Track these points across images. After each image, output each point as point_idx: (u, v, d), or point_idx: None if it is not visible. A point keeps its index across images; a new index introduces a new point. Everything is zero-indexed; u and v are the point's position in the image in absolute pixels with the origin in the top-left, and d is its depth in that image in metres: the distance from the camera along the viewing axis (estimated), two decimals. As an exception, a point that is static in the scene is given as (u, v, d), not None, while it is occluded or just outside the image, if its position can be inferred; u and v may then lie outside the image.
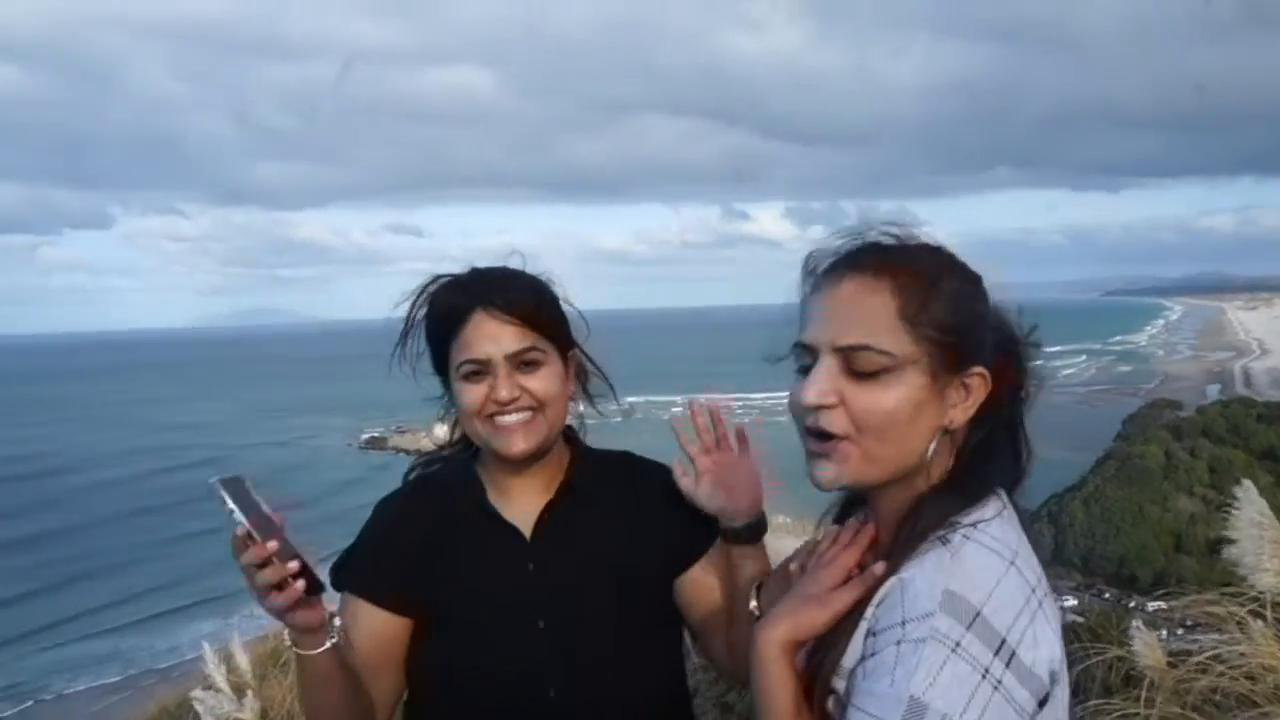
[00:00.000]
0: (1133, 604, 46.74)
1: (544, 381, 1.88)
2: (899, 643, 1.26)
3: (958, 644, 1.23)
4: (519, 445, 1.86)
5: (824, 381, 1.37)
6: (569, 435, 2.05)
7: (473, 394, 1.86)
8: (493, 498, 1.97)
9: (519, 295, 1.88)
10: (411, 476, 2.15)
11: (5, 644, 36.53)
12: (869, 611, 1.35)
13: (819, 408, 1.37)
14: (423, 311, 1.97)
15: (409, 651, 1.97)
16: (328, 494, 59.93)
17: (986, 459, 1.43)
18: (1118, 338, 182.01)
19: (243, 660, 4.17)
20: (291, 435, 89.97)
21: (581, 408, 2.10)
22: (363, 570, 1.98)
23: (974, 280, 1.43)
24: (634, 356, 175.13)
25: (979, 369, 1.39)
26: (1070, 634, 4.70)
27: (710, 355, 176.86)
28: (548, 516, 1.96)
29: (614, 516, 2.00)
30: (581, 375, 2.06)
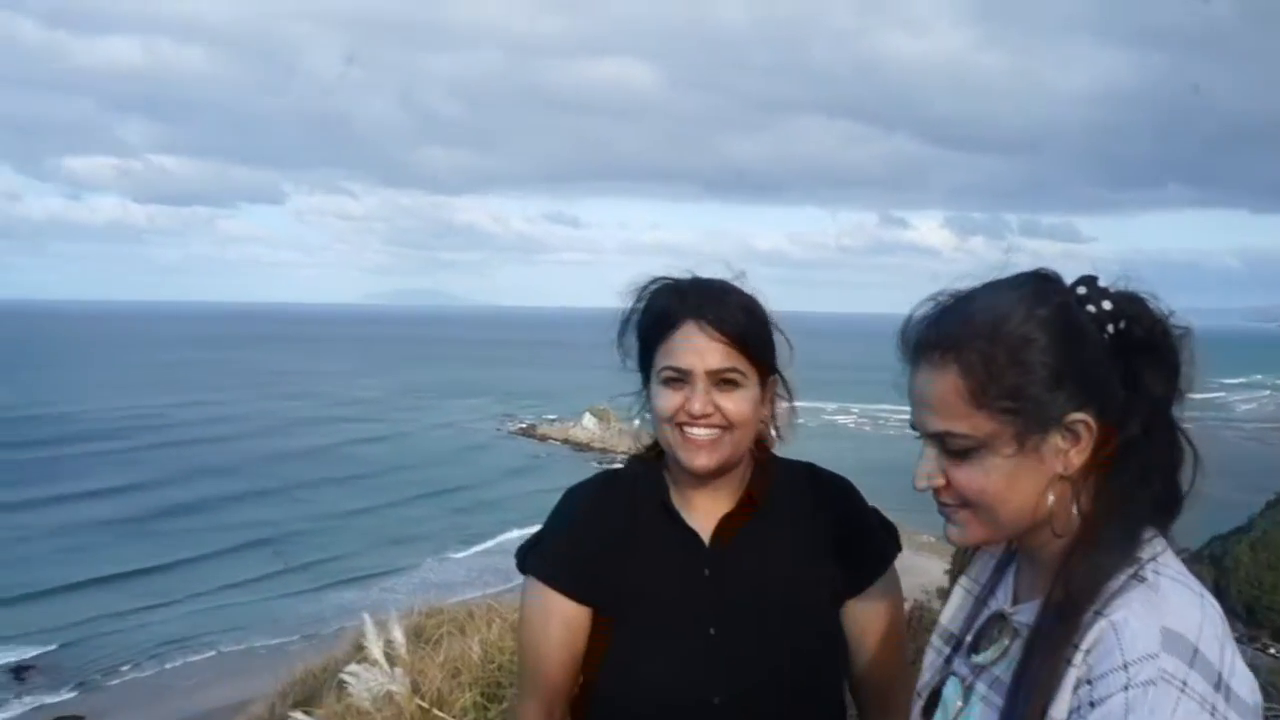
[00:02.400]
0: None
1: (738, 404, 1.89)
2: (1126, 688, 1.22)
3: (1185, 683, 1.21)
4: (701, 461, 1.88)
5: (928, 465, 1.41)
6: (756, 443, 2.05)
7: (668, 400, 1.89)
8: (676, 502, 2.00)
9: (731, 314, 1.90)
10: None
11: (173, 602, 38.48)
12: (1076, 658, 1.30)
13: (928, 490, 1.42)
14: (641, 306, 2.00)
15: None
16: (490, 480, 61.49)
17: (1126, 500, 1.39)
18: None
19: (398, 634, 4.27)
20: (445, 417, 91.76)
21: (774, 431, 2.10)
22: (548, 557, 2.03)
23: (1064, 317, 1.36)
24: (785, 361, 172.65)
25: (1079, 415, 1.35)
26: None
27: (868, 364, 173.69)
28: (727, 525, 1.97)
29: (792, 530, 2.01)
30: (775, 399, 2.07)
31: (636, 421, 2.09)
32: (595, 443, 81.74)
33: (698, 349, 1.87)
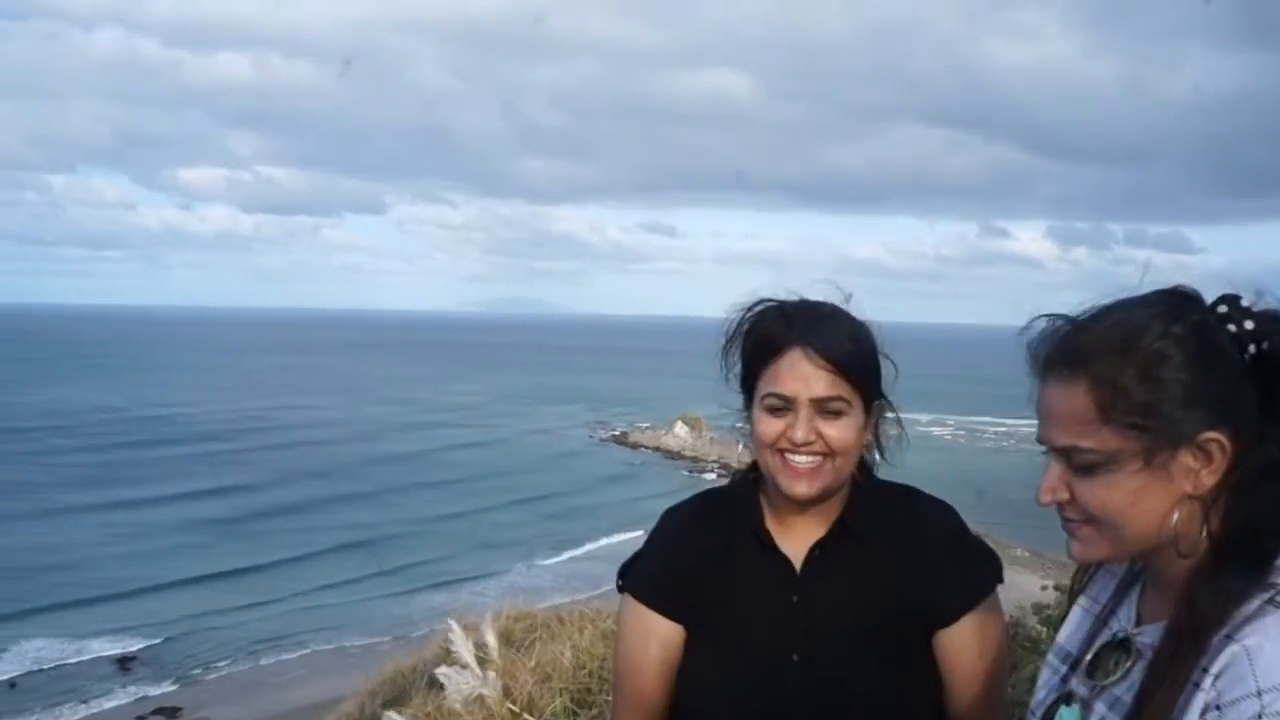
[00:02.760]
0: None
1: (841, 431, 1.88)
2: (1260, 715, 1.18)
3: None
4: (802, 488, 1.88)
5: (1053, 479, 1.39)
6: (858, 470, 2.04)
7: (770, 427, 1.88)
8: (772, 526, 1.99)
9: (838, 341, 1.89)
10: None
11: (270, 601, 39.51)
12: (1205, 682, 1.26)
13: (1053, 503, 1.40)
14: (745, 328, 2.00)
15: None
16: (583, 487, 61.96)
17: (1259, 523, 1.32)
18: None
19: (490, 637, 4.29)
20: (538, 423, 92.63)
21: (877, 454, 2.10)
22: (644, 576, 2.06)
23: (1200, 334, 1.33)
24: (885, 371, 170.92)
25: (1212, 435, 1.31)
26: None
27: (966, 375, 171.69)
28: (819, 552, 1.96)
29: (885, 558, 1.97)
30: (880, 423, 2.07)
31: (740, 445, 2.08)
32: (686, 451, 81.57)
33: (803, 376, 1.87)
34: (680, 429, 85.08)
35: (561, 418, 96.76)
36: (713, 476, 74.22)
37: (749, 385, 1.98)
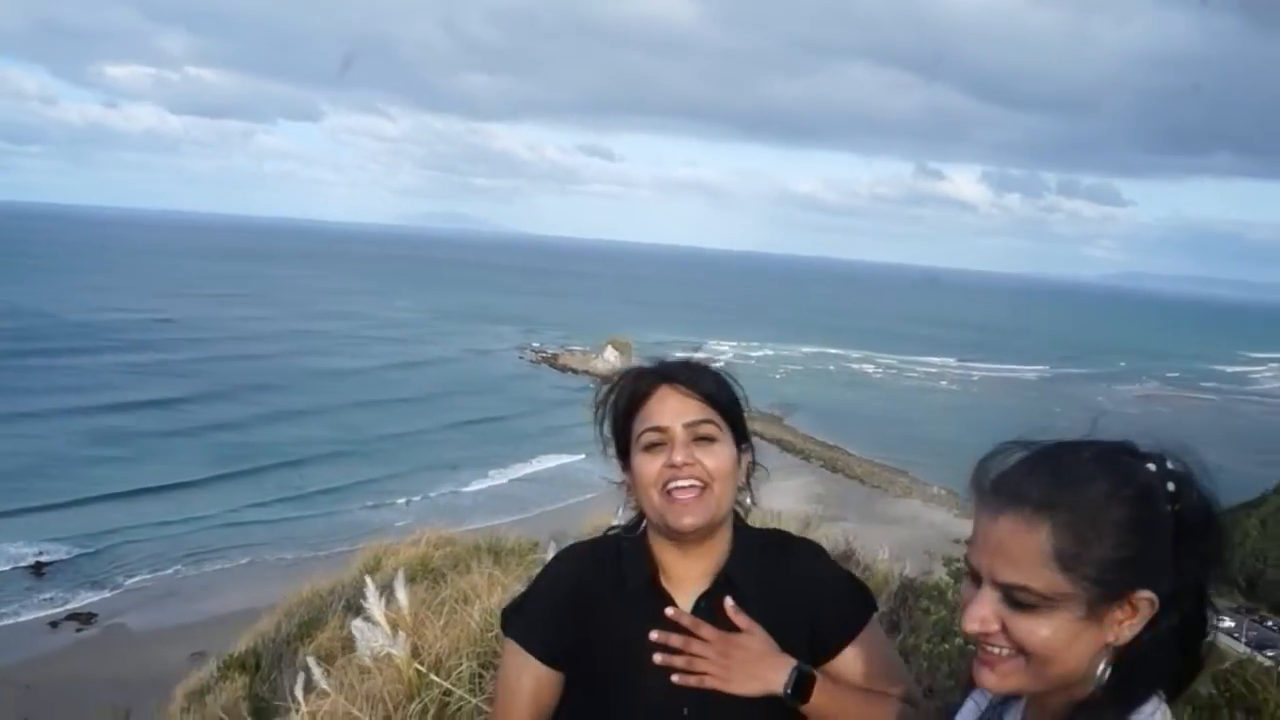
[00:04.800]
0: (1298, 636, 44.49)
1: (716, 458, 1.98)
2: None
3: None
4: (688, 520, 1.96)
5: (984, 609, 1.43)
6: (735, 520, 2.11)
7: (651, 464, 1.97)
8: (660, 576, 2.07)
9: (702, 376, 2.04)
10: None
11: (198, 517, 39.59)
12: None
13: (980, 634, 1.45)
14: (613, 396, 2.08)
15: (558, 710, 2.11)
16: (520, 413, 62.11)
17: (1147, 665, 1.44)
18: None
19: (402, 597, 4.40)
20: (473, 343, 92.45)
21: (749, 500, 2.16)
22: (529, 622, 2.13)
23: (1148, 497, 1.42)
24: (817, 308, 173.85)
25: (1147, 594, 1.40)
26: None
27: (894, 313, 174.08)
28: (704, 603, 2.03)
29: (766, 606, 2.04)
30: (749, 471, 2.12)
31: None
32: (615, 375, 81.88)
33: (673, 407, 1.99)
34: (610, 353, 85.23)
35: (495, 338, 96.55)
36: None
37: (624, 443, 2.06)
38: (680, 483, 1.95)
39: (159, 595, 32.50)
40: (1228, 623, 45.15)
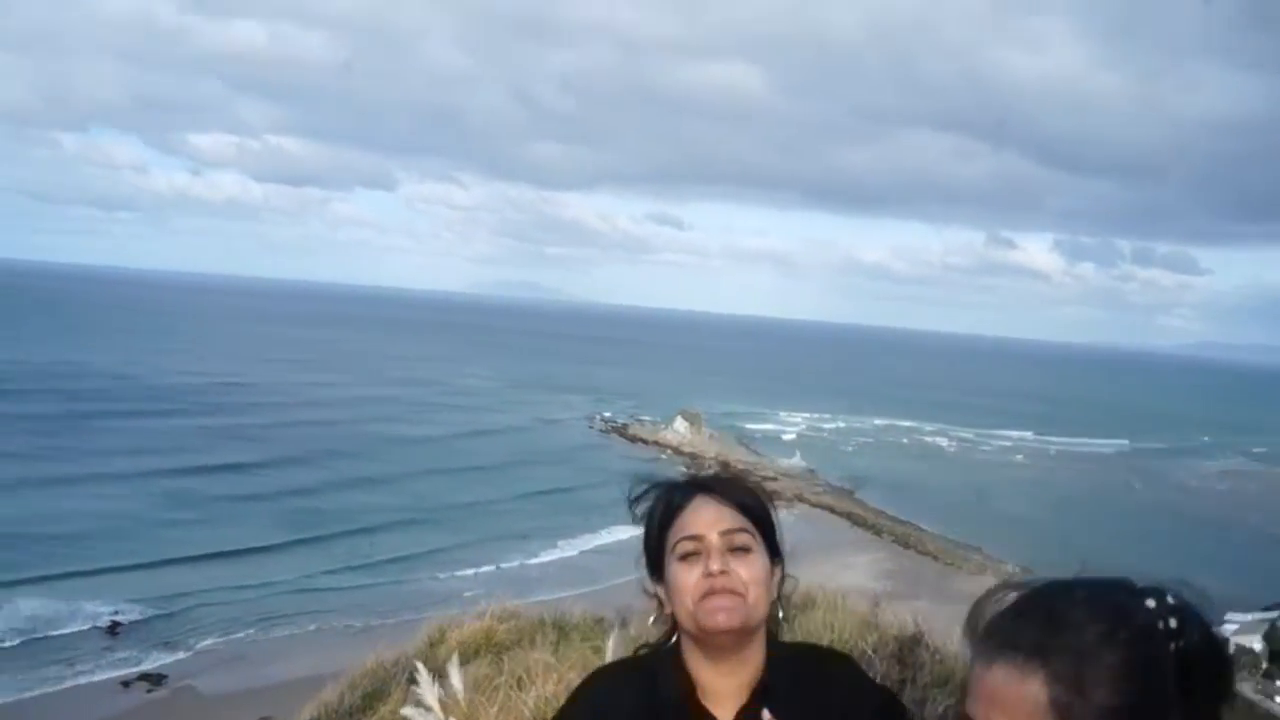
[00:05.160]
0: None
1: (751, 568, 2.00)
2: None
3: None
4: (720, 618, 1.96)
5: None
6: (768, 633, 2.11)
7: (688, 575, 1.99)
8: (697, 691, 2.05)
9: (737, 487, 2.07)
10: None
11: (271, 582, 39.98)
12: None
13: None
14: (650, 508, 2.10)
15: None
16: (589, 484, 62.32)
17: None
18: None
19: (456, 681, 4.37)
20: (542, 412, 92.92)
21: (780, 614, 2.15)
22: None
23: (1146, 638, 1.39)
24: (889, 379, 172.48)
25: None
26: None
27: (969, 386, 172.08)
28: (743, 715, 2.03)
29: (801, 714, 2.04)
30: (781, 584, 2.13)
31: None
32: (685, 446, 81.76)
33: (709, 515, 2.02)
34: (680, 424, 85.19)
35: (565, 407, 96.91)
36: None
37: (657, 554, 2.07)
38: (717, 589, 1.97)
39: (229, 659, 32.78)
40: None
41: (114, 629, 34.25)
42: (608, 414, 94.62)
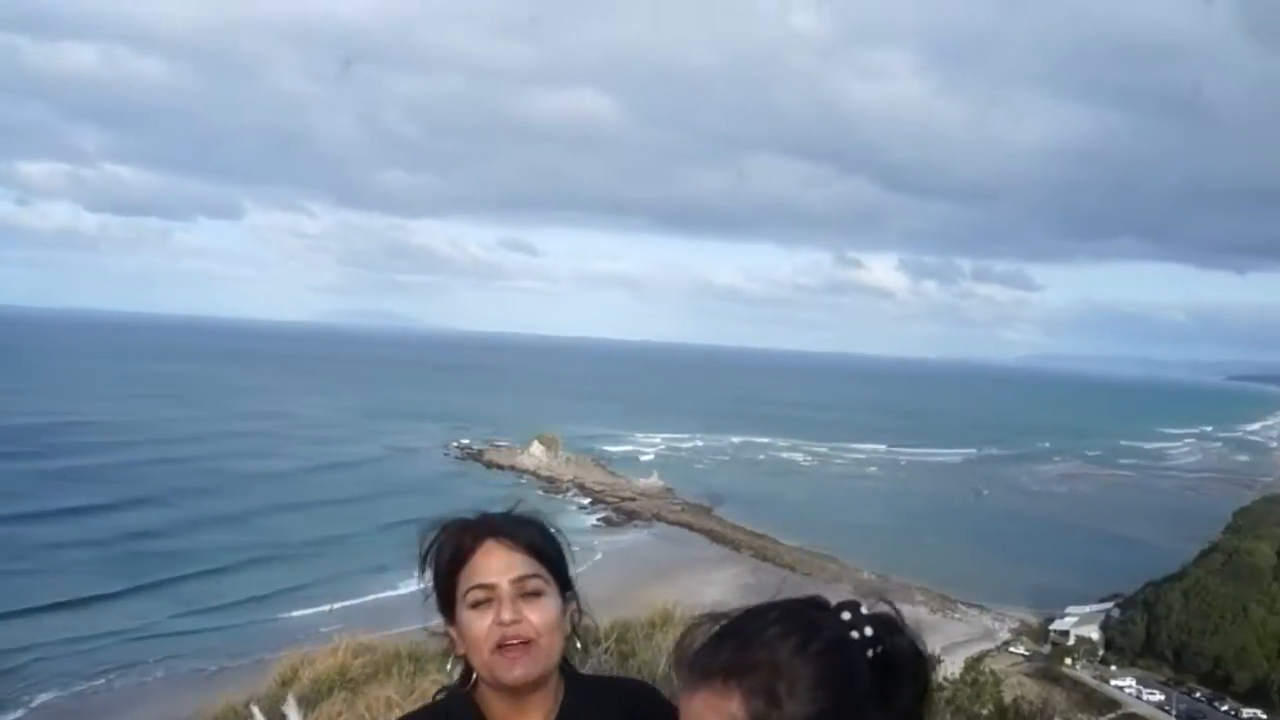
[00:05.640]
0: (1225, 708, 45.07)
1: (542, 613, 1.98)
2: None
3: None
4: (518, 672, 1.95)
5: None
6: (563, 667, 2.11)
7: (480, 623, 1.96)
8: None
9: (526, 529, 2.04)
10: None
11: (116, 631, 38.55)
12: None
13: None
14: (436, 549, 2.06)
15: None
16: (447, 512, 61.52)
17: None
18: (1240, 426, 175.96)
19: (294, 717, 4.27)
20: (397, 441, 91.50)
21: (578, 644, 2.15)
22: None
23: (837, 648, 1.45)
24: (744, 398, 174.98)
25: None
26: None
27: (821, 402, 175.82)
28: None
29: None
30: (576, 617, 2.12)
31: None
32: (542, 470, 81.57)
33: (499, 563, 1.99)
34: (536, 448, 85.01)
35: (420, 435, 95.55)
36: (580, 501, 74.63)
37: (448, 597, 2.04)
38: (509, 640, 1.94)
39: (67, 714, 31.28)
40: (1158, 696, 45.72)
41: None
42: (465, 440, 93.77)
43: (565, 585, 2.07)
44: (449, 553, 2.03)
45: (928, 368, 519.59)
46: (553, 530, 2.09)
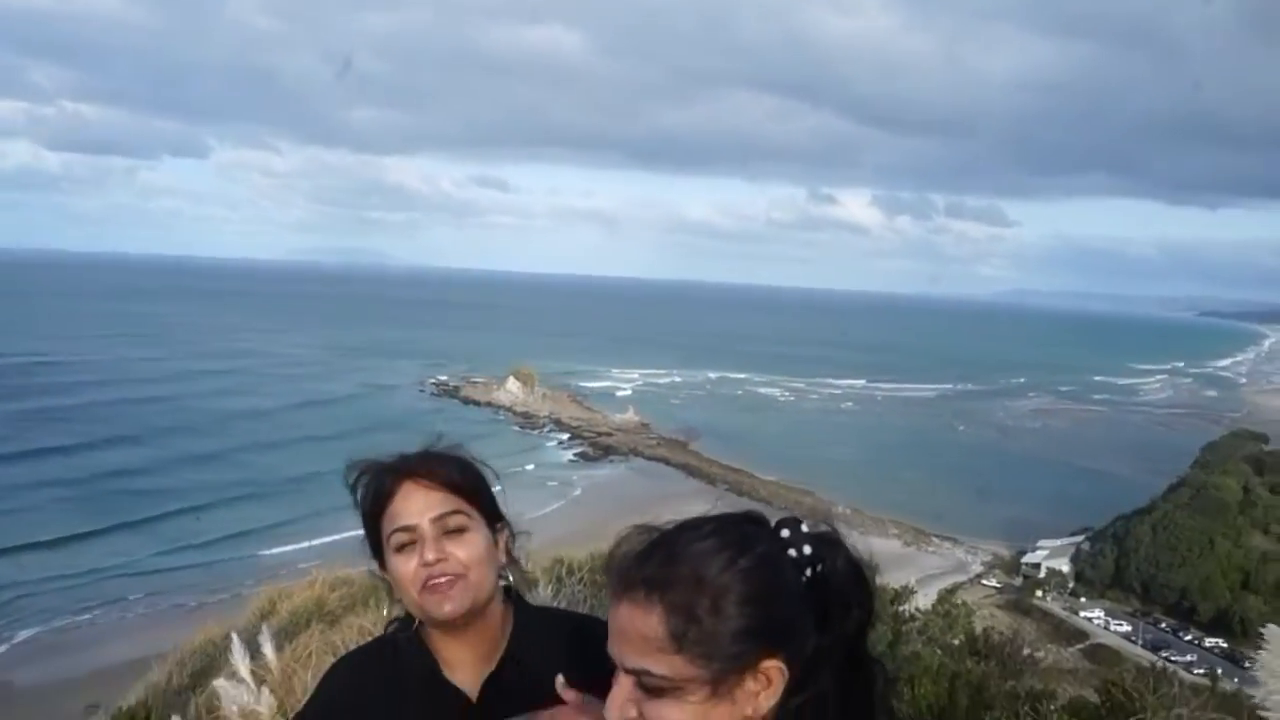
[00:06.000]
0: (1189, 638, 46.10)
1: (468, 549, 1.93)
2: None
3: None
4: (448, 608, 1.91)
5: (621, 697, 1.42)
6: (513, 598, 2.08)
7: (405, 565, 1.92)
8: (442, 666, 2.02)
9: (443, 465, 1.97)
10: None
11: (91, 571, 38.62)
12: None
13: None
14: (357, 494, 2.02)
15: None
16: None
17: None
18: (1210, 362, 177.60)
19: (268, 651, 4.26)
20: (372, 378, 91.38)
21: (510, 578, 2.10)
22: None
23: (766, 564, 1.40)
24: (720, 333, 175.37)
25: (772, 662, 1.38)
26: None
27: (796, 337, 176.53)
28: (491, 687, 2.00)
29: (547, 676, 1.94)
30: (511, 547, 2.08)
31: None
32: (518, 406, 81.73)
33: (418, 504, 1.93)
34: (512, 384, 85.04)
35: (395, 373, 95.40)
36: (558, 436, 74.90)
37: (376, 542, 2.00)
38: (436, 580, 1.90)
39: (48, 649, 31.50)
40: (1125, 627, 46.65)
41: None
42: (441, 377, 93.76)
43: (494, 516, 2.02)
44: (370, 498, 1.98)
45: (897, 302, 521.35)
46: (474, 462, 2.03)
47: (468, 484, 1.97)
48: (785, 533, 1.43)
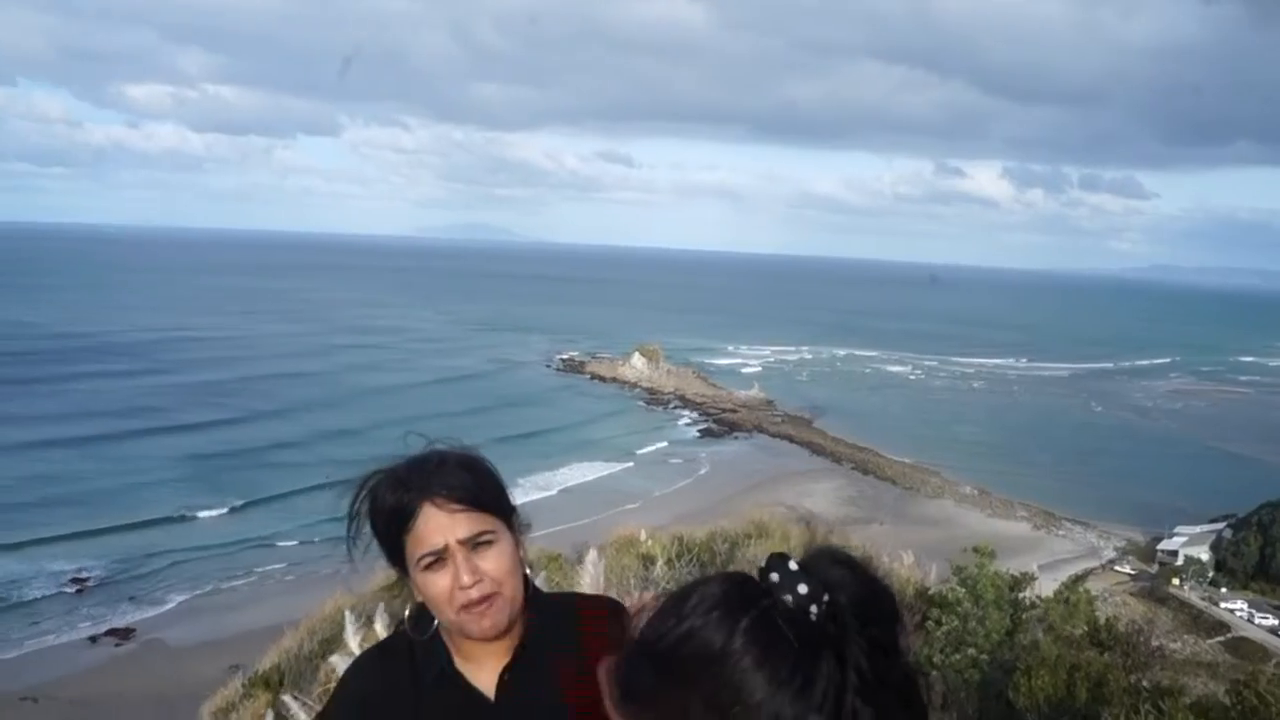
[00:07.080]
0: (1344, 637, 43.87)
1: (498, 561, 1.94)
2: None
3: None
4: (486, 624, 1.94)
5: None
6: (529, 588, 2.07)
7: (439, 584, 1.92)
8: (458, 664, 2.04)
9: (458, 480, 1.94)
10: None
11: (237, 541, 40.51)
12: None
13: None
14: (366, 509, 2.00)
15: None
16: (571, 424, 62.53)
17: None
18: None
19: (380, 629, 4.35)
20: (498, 352, 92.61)
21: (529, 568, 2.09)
22: None
23: (767, 624, 1.26)
24: (847, 309, 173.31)
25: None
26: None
27: (925, 313, 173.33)
28: (507, 679, 2.02)
29: (565, 664, 2.01)
30: (523, 535, 2.07)
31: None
32: (644, 381, 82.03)
33: (443, 526, 1.92)
34: (637, 360, 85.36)
35: (524, 348, 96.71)
36: (683, 413, 75.05)
37: (398, 558, 2.00)
38: (473, 597, 1.91)
39: (197, 611, 33.02)
40: (1272, 620, 44.71)
41: (80, 587, 34.38)
42: (568, 353, 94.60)
43: (509, 511, 2.02)
44: (388, 515, 1.96)
45: (1029, 278, 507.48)
46: (486, 465, 2.01)
47: (487, 495, 1.96)
48: (775, 576, 1.28)
